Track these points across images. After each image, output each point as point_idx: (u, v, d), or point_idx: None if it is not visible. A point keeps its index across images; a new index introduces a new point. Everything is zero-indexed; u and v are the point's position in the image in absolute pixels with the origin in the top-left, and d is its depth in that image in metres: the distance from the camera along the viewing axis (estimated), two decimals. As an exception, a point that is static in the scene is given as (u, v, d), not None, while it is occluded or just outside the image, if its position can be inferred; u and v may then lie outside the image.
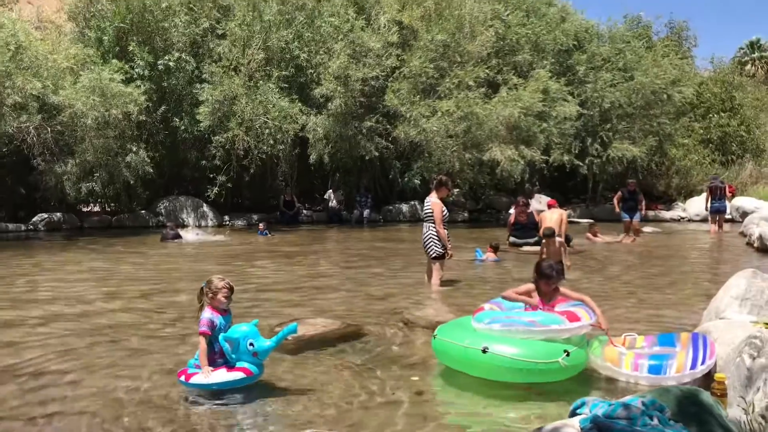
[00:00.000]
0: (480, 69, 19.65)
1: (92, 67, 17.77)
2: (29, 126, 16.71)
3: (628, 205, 15.77)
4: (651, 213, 20.40)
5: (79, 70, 17.93)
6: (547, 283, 5.44)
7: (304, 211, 21.67)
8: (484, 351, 4.74)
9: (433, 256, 8.76)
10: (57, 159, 17.41)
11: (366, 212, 21.10)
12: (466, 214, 21.79)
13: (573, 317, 4.98)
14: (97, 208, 20.93)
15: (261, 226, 17.23)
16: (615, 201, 16.38)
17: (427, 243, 8.77)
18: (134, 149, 18.06)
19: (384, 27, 19.99)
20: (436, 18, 20.60)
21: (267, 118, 18.32)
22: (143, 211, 19.68)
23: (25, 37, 17.03)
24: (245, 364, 4.63)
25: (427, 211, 8.81)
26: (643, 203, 16.11)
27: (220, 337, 4.70)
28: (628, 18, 26.41)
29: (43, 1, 34.32)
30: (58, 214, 18.52)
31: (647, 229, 17.03)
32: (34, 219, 18.24)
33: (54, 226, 18.16)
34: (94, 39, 19.55)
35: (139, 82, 18.30)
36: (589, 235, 15.11)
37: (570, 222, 14.43)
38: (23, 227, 18.02)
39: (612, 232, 15.69)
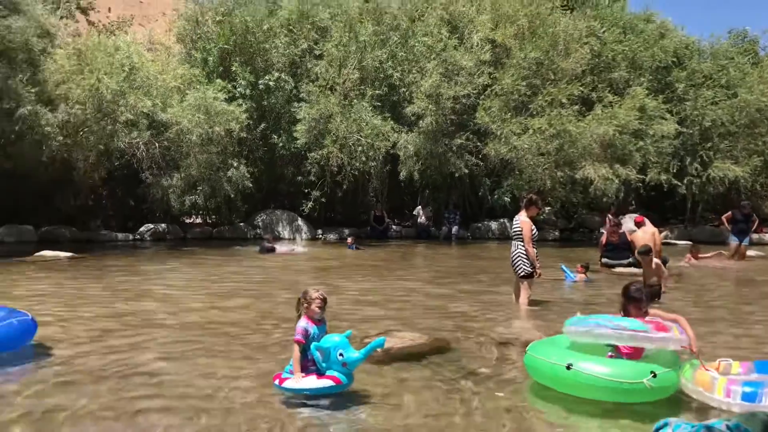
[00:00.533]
0: (574, 86, 19.42)
1: (198, 87, 18.86)
2: (139, 141, 17.84)
3: (739, 228, 15.21)
4: (755, 236, 19.41)
5: (185, 89, 19.04)
6: (637, 306, 5.36)
7: (394, 227, 21.96)
8: (568, 367, 4.80)
9: (522, 274, 8.76)
10: (163, 173, 18.46)
11: (454, 229, 21.16)
12: (557, 233, 21.46)
13: (661, 328, 4.94)
14: (198, 220, 21.97)
15: (349, 240, 17.65)
16: (724, 221, 15.79)
17: (515, 261, 8.78)
18: (235, 164, 18.94)
19: (477, 45, 20.11)
20: (529, 36, 20.55)
21: (360, 135, 18.77)
22: (242, 224, 20.52)
23: (138, 58, 18.28)
24: (335, 373, 4.85)
25: (515, 230, 8.83)
26: (755, 224, 15.51)
27: (312, 346, 4.94)
28: (732, 33, 25.35)
29: (154, 24, 36.59)
30: (163, 224, 19.57)
31: (751, 252, 16.25)
32: (141, 229, 19.36)
33: (159, 236, 19.22)
34: (199, 60, 20.71)
35: (240, 101, 19.22)
36: (690, 256, 14.57)
37: (666, 243, 13.99)
38: (131, 237, 19.14)
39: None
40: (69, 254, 14.40)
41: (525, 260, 8.66)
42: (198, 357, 6.12)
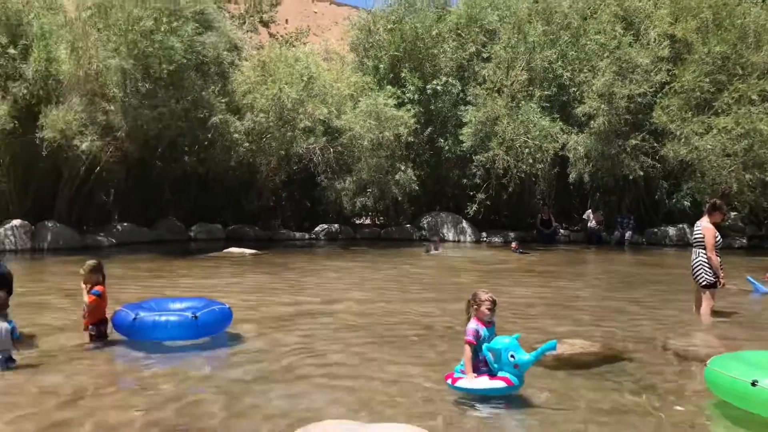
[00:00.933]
0: (766, 81, 17.81)
1: (369, 93, 19.64)
2: (315, 147, 18.93)
3: None
4: None
5: (358, 96, 19.91)
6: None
7: (561, 231, 21.40)
8: (753, 384, 4.50)
9: (703, 284, 8.25)
10: (337, 176, 19.41)
11: (627, 234, 20.20)
12: (744, 241, 19.76)
13: None
14: (368, 221, 22.87)
15: (513, 245, 17.51)
16: None
17: (696, 270, 8.30)
18: (403, 168, 19.50)
19: (654, 41, 19.07)
20: (714, 29, 19.11)
21: (528, 137, 18.54)
22: (408, 225, 21.06)
23: (316, 68, 19.40)
24: (507, 374, 4.92)
25: (697, 236, 8.35)
26: None
27: (484, 347, 5.05)
28: None
29: (329, 34, 38.47)
30: (336, 225, 20.58)
31: None
32: (316, 229, 20.52)
33: (332, 236, 20.25)
34: (371, 67, 21.55)
35: (409, 106, 19.75)
36: None
37: None
38: (307, 236, 20.36)
39: None
40: (253, 251, 15.61)
41: (707, 269, 8.16)
42: (367, 351, 6.49)
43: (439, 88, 20.29)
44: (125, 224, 18.08)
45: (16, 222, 15.61)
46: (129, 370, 5.95)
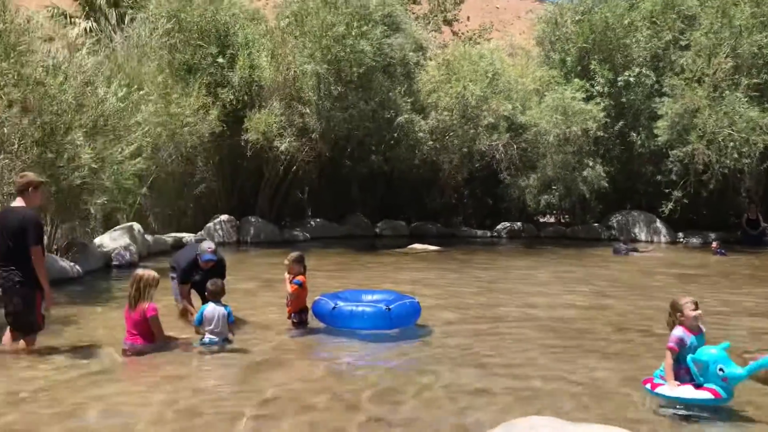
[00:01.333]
0: None
1: (556, 88, 19.11)
2: (498, 144, 18.76)
3: None
4: None
5: (543, 90, 19.47)
6: None
7: (772, 232, 19.42)
8: None
9: None
10: (520, 173, 19.11)
11: None
12: None
13: None
14: (552, 219, 22.29)
15: (714, 245, 16.25)
16: None
17: None
18: (590, 164, 18.75)
19: None
20: None
21: (732, 130, 17.01)
22: (596, 224, 20.23)
23: (500, 64, 19.24)
24: (714, 386, 4.59)
25: None
26: None
27: (688, 358, 4.74)
28: None
29: (512, 29, 37.99)
30: (519, 223, 20.30)
31: None
32: (498, 227, 20.39)
33: (514, 234, 20.00)
34: (557, 61, 20.94)
35: (598, 99, 18.91)
36: None
37: None
38: (488, 233, 20.31)
39: None
40: (436, 248, 15.89)
41: None
42: (558, 350, 6.43)
43: (631, 79, 19.21)
44: (318, 220, 19.22)
45: (224, 217, 17.15)
46: (328, 356, 6.34)
